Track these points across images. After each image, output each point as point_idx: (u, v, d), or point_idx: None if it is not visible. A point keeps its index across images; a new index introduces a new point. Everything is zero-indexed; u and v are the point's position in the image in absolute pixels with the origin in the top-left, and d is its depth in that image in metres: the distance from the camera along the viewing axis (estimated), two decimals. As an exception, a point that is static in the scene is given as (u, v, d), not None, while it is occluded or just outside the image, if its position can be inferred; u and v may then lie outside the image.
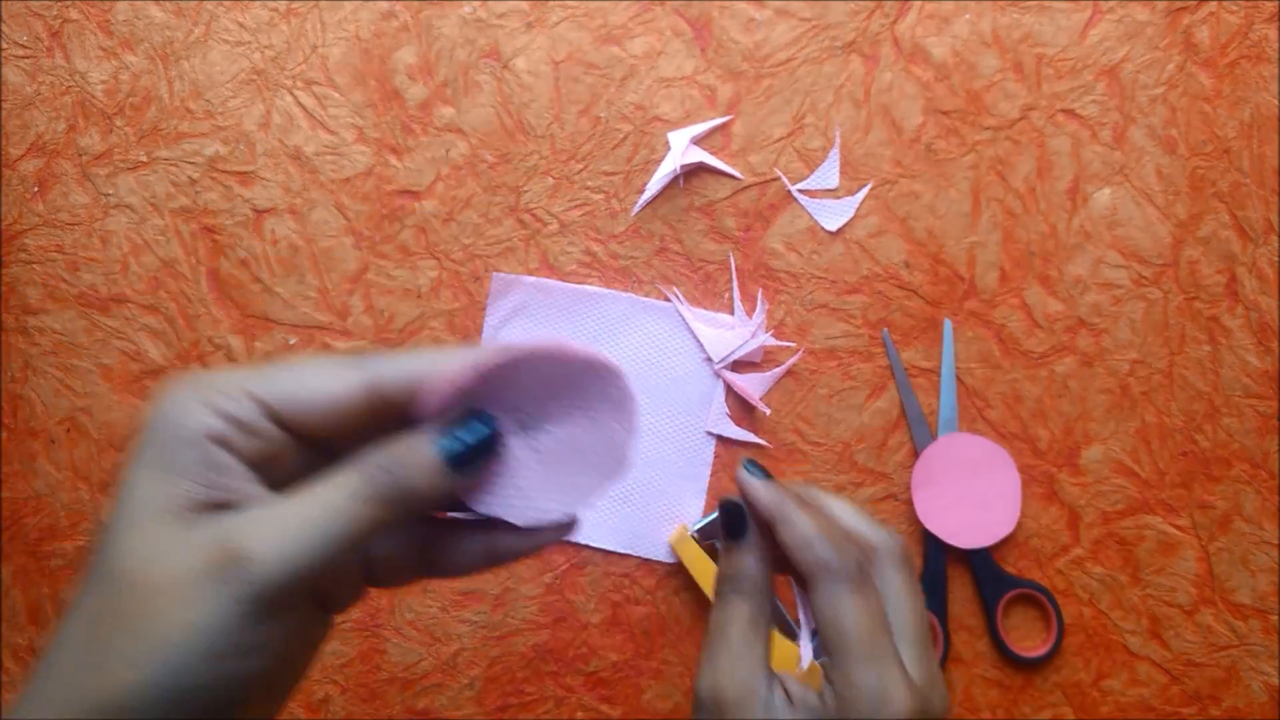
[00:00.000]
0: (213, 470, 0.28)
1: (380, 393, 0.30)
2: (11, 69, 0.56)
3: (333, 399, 0.30)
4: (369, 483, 0.29)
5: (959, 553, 0.54)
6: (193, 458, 0.28)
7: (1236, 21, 0.55)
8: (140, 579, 0.27)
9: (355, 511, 0.28)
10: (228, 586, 0.27)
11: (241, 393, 0.29)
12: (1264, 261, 0.55)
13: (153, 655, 0.27)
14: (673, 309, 0.56)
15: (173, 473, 0.28)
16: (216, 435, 0.28)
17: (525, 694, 0.55)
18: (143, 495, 0.28)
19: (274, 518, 0.28)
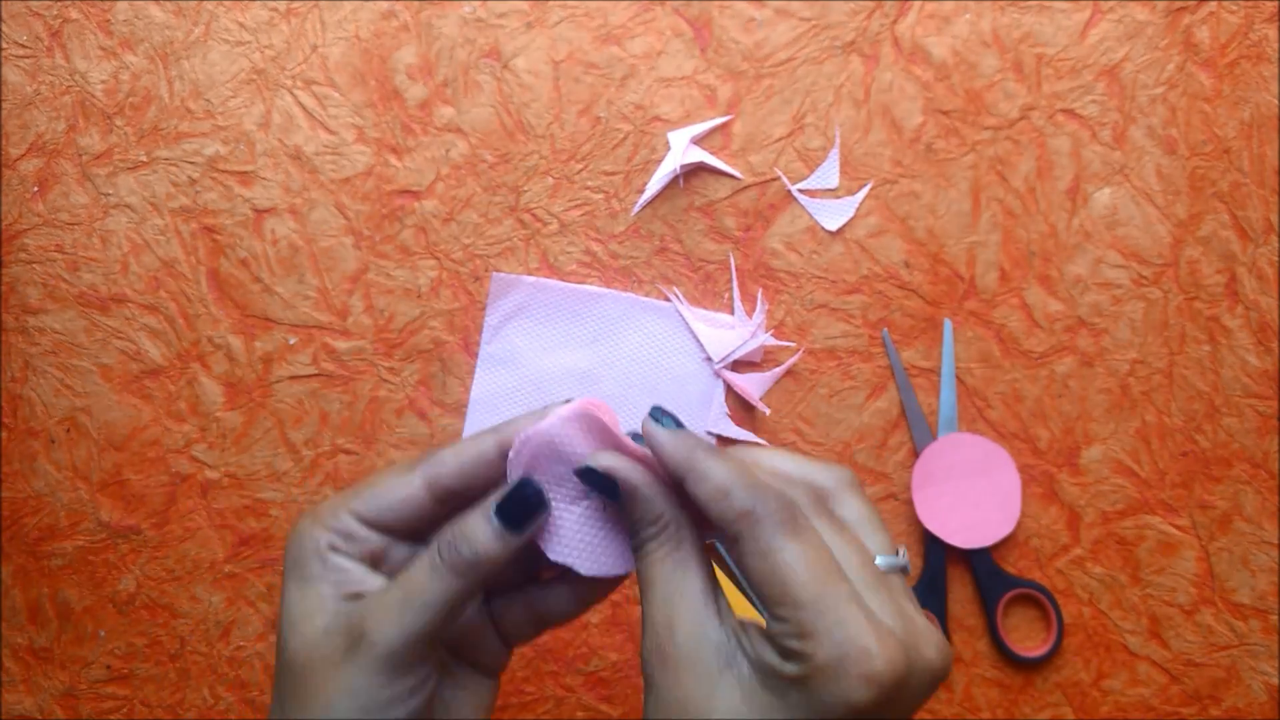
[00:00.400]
0: (337, 573, 0.36)
1: (440, 486, 0.37)
2: (11, 69, 0.56)
3: (403, 501, 0.37)
4: (442, 557, 0.35)
5: (959, 553, 0.54)
6: (321, 568, 0.36)
7: (1236, 21, 0.55)
8: (304, 665, 0.35)
9: (436, 583, 0.35)
10: (358, 659, 0.34)
11: (343, 511, 0.36)
12: (1264, 261, 0.55)
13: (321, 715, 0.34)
14: (673, 309, 0.56)
15: (310, 583, 0.36)
16: (333, 546, 0.36)
17: (525, 694, 0.55)
18: (295, 605, 0.36)
19: (383, 600, 0.35)
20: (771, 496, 0.32)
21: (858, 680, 0.30)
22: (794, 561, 0.31)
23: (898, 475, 0.55)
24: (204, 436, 0.56)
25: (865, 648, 0.30)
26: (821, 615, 0.30)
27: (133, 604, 0.56)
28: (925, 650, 0.32)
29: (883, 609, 0.32)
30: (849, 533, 0.34)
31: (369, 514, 0.36)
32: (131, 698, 0.56)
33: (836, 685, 0.30)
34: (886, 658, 0.30)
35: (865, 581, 0.32)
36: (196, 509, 0.56)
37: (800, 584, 0.31)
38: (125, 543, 0.56)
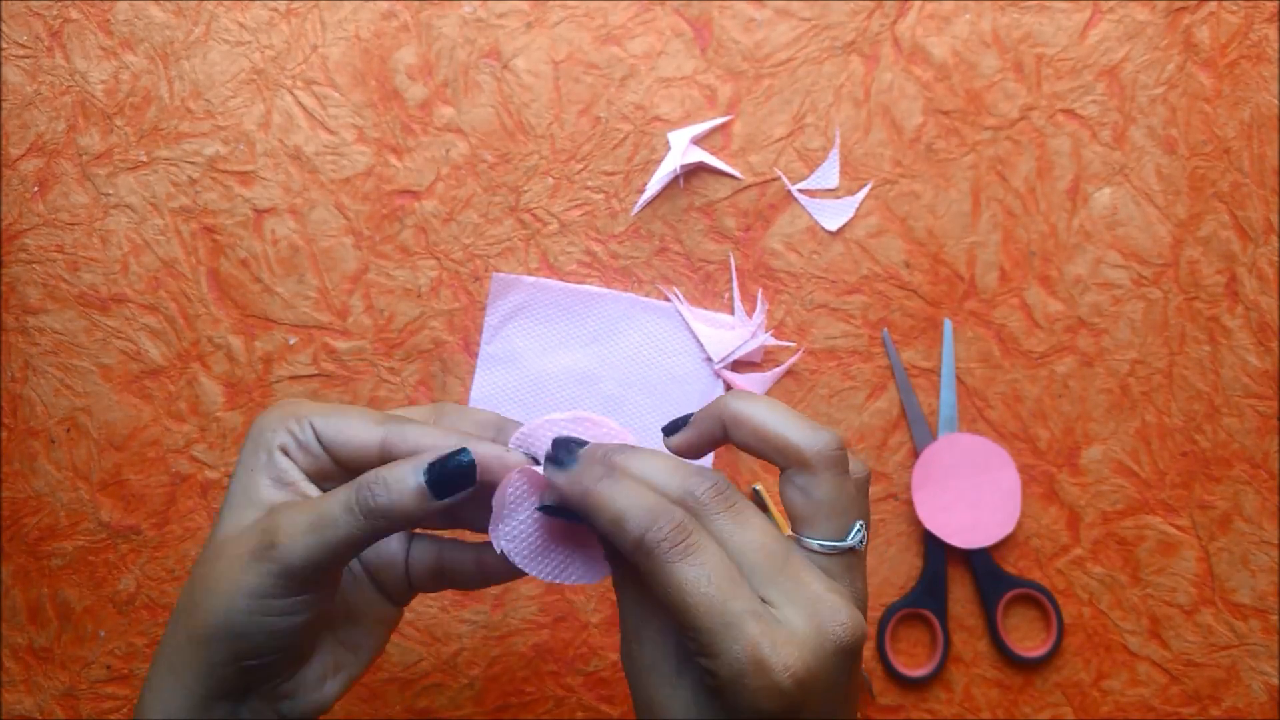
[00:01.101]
0: (279, 471, 0.38)
1: (389, 448, 0.38)
2: (11, 69, 0.56)
3: (358, 442, 0.38)
4: (357, 498, 0.36)
5: (959, 553, 0.54)
6: (268, 461, 0.37)
7: (1236, 21, 0.55)
8: (218, 549, 0.37)
9: (345, 520, 0.35)
10: (261, 563, 0.35)
11: (306, 420, 0.38)
12: (1264, 261, 0.55)
13: (219, 605, 0.36)
14: (673, 309, 0.56)
15: (256, 471, 0.37)
16: (283, 447, 0.38)
17: (525, 694, 0.55)
18: (237, 486, 0.38)
19: (297, 516, 0.36)
20: (662, 520, 0.33)
21: (759, 692, 0.31)
22: (686, 584, 0.32)
23: (898, 475, 0.55)
24: (204, 436, 0.56)
25: (760, 660, 0.31)
26: (715, 635, 0.32)
27: (133, 604, 0.56)
28: (828, 628, 0.32)
29: (786, 601, 0.33)
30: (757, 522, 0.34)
31: (326, 437, 0.38)
32: (131, 698, 0.56)
33: (742, 699, 0.32)
34: (783, 664, 0.31)
35: (765, 577, 0.33)
36: (196, 509, 0.56)
37: (693, 607, 0.32)
38: (125, 543, 0.56)
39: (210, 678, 0.36)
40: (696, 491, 0.34)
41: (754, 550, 0.33)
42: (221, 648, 0.36)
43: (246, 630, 0.36)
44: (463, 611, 0.55)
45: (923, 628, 0.55)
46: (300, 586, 0.36)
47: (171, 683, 0.37)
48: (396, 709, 0.55)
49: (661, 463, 0.35)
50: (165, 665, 0.37)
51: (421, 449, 0.37)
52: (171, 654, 0.37)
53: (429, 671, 0.55)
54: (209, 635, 0.36)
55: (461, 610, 0.55)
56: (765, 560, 0.33)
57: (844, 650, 0.33)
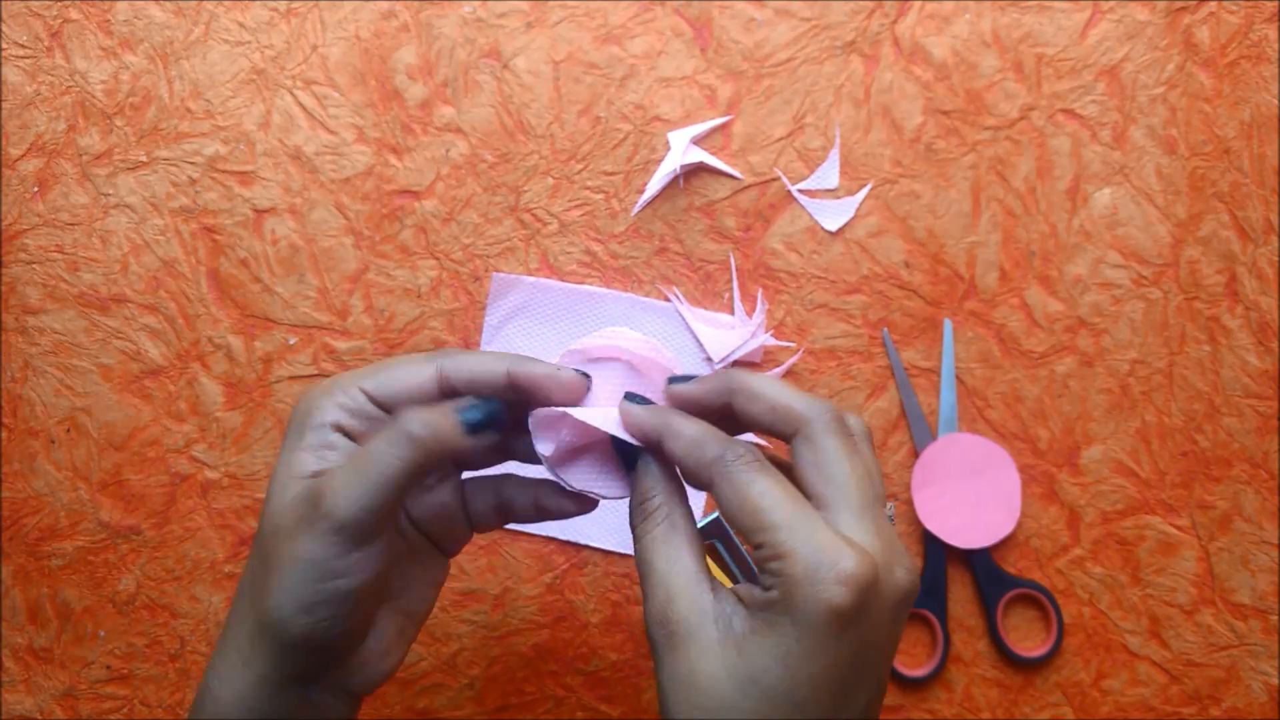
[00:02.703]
0: (327, 447, 0.38)
1: (447, 380, 0.39)
2: (11, 69, 0.56)
3: (414, 388, 0.38)
4: (403, 431, 0.36)
5: (959, 553, 0.54)
6: (316, 440, 0.38)
7: (1236, 21, 0.55)
8: (271, 531, 0.37)
9: (393, 454, 0.36)
10: (315, 526, 0.36)
11: (354, 386, 0.38)
12: (1264, 261, 0.55)
13: (280, 581, 0.36)
14: (673, 309, 0.56)
15: (301, 450, 0.37)
16: (335, 423, 0.38)
17: (525, 694, 0.55)
18: (283, 469, 0.38)
19: (341, 471, 0.36)
20: (737, 442, 0.35)
21: (833, 582, 0.32)
22: (766, 491, 0.34)
23: (898, 475, 0.55)
24: (204, 436, 0.56)
25: (836, 554, 0.32)
26: (794, 532, 0.33)
27: (133, 604, 0.56)
28: (896, 569, 0.34)
29: (864, 531, 0.34)
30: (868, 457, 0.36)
31: (378, 393, 0.38)
32: (131, 698, 0.56)
33: (814, 591, 0.32)
34: (858, 560, 0.32)
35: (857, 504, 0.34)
36: (196, 509, 0.56)
37: (771, 509, 0.33)
38: (125, 543, 0.56)
39: (282, 662, 0.37)
40: (823, 408, 0.36)
41: (855, 477, 0.35)
42: (290, 627, 0.36)
43: (312, 602, 0.36)
44: (463, 611, 0.55)
45: (923, 628, 0.55)
46: (356, 541, 0.36)
47: (242, 672, 0.37)
48: (396, 709, 0.55)
49: (784, 382, 0.37)
50: (234, 655, 0.37)
51: (478, 372, 0.38)
52: (240, 642, 0.37)
53: (429, 671, 0.55)
54: (277, 617, 0.36)
55: (461, 610, 0.55)
56: (860, 490, 0.35)
57: (904, 592, 0.34)
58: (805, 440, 0.36)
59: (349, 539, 0.36)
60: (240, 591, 0.38)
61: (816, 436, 0.35)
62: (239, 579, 0.39)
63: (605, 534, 0.55)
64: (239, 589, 0.38)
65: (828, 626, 0.32)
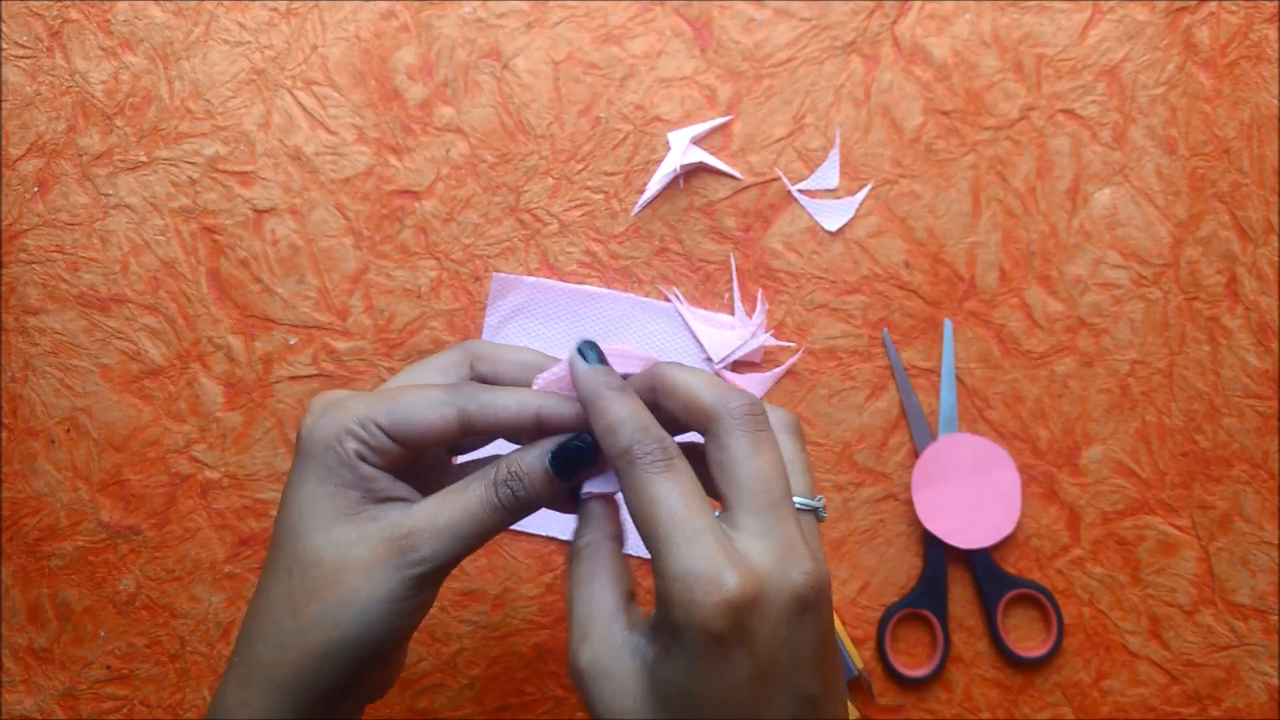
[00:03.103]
0: (365, 480, 0.37)
1: (469, 422, 0.38)
2: (11, 69, 0.56)
3: (435, 427, 0.37)
4: (499, 497, 0.37)
5: (959, 553, 0.54)
6: (349, 475, 0.37)
7: (1236, 21, 0.55)
8: (332, 565, 0.36)
9: (488, 515, 0.37)
10: (405, 570, 0.36)
11: (370, 421, 0.37)
12: (1264, 261, 0.55)
13: (352, 616, 0.36)
14: (673, 309, 0.56)
15: (338, 486, 0.37)
16: (359, 454, 0.37)
17: (525, 694, 0.55)
18: (319, 504, 0.37)
19: (436, 521, 0.37)
20: (651, 436, 0.34)
21: (706, 605, 0.31)
22: (659, 495, 0.33)
23: (898, 475, 0.55)
24: (204, 436, 0.56)
25: (709, 575, 0.31)
26: (674, 548, 0.32)
27: (133, 604, 0.56)
28: (790, 573, 0.33)
29: (760, 533, 0.33)
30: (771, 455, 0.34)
31: (396, 432, 0.37)
32: (131, 698, 0.56)
33: (688, 615, 0.32)
34: (731, 583, 0.31)
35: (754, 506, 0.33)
36: (196, 509, 0.56)
37: (658, 519, 0.33)
38: (125, 543, 0.56)
39: (327, 689, 0.37)
40: (730, 404, 0.35)
41: (755, 477, 0.34)
42: (349, 658, 0.37)
43: (380, 635, 0.37)
44: (463, 611, 0.55)
45: (923, 628, 0.55)
46: (435, 582, 0.37)
47: (277, 699, 0.37)
48: (396, 709, 0.55)
49: (703, 375, 0.36)
50: (270, 684, 0.37)
51: (503, 421, 0.38)
52: (278, 674, 0.37)
53: (429, 671, 0.55)
54: (337, 648, 0.36)
55: (461, 610, 0.55)
56: (763, 490, 0.34)
57: (798, 598, 0.32)
58: (712, 437, 0.35)
59: (431, 582, 0.37)
60: (270, 620, 0.37)
61: (722, 434, 0.34)
62: (257, 607, 0.38)
63: (605, 534, 0.55)
64: (265, 620, 0.38)
65: (710, 650, 0.32)
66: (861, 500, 0.55)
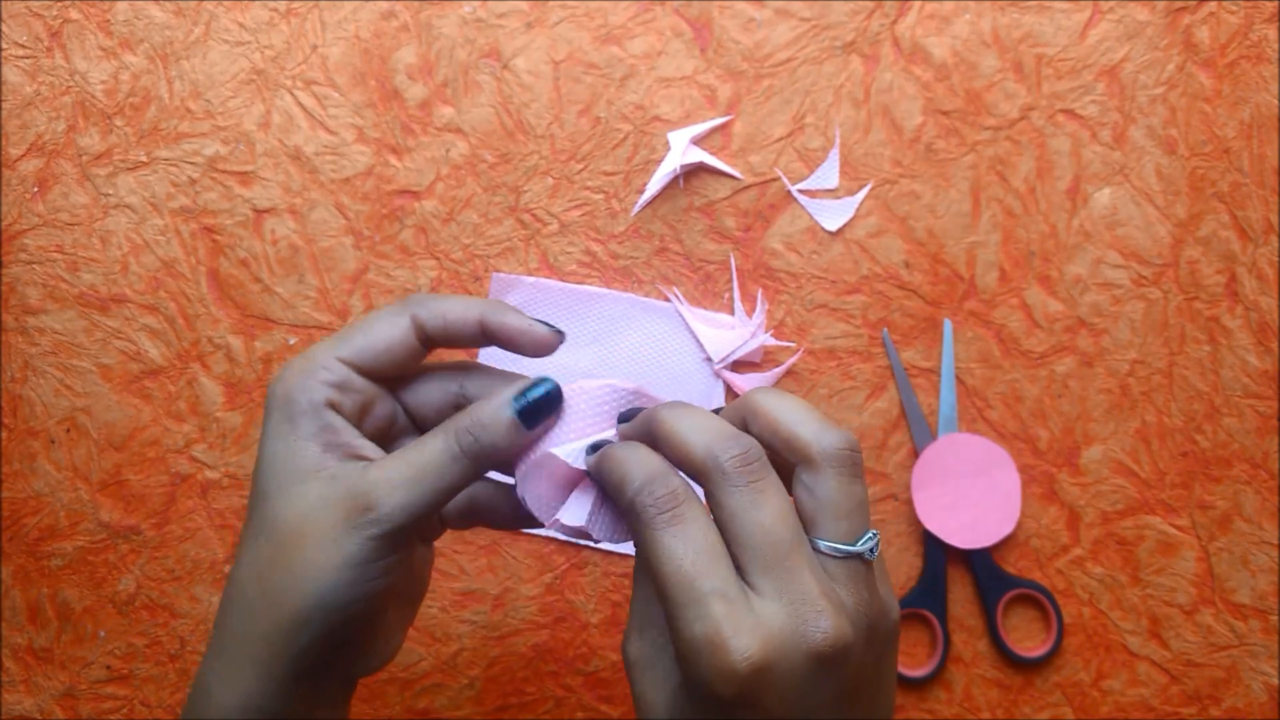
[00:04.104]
0: (328, 432, 0.36)
1: (423, 330, 0.37)
2: (11, 69, 0.56)
3: (395, 340, 0.37)
4: (459, 443, 0.36)
5: (959, 553, 0.54)
6: (314, 426, 0.36)
7: (1236, 21, 0.55)
8: (295, 530, 0.35)
9: (450, 468, 0.36)
10: (362, 530, 0.35)
11: (333, 360, 0.37)
12: (1264, 261, 0.55)
13: (313, 584, 0.35)
14: (673, 309, 0.56)
15: (301, 439, 0.36)
16: (328, 401, 0.36)
17: (525, 694, 0.55)
18: (282, 462, 0.36)
19: (391, 475, 0.36)
20: (656, 485, 0.33)
21: (714, 673, 0.30)
22: (664, 553, 0.32)
23: (898, 475, 0.55)
24: (204, 436, 0.56)
25: (718, 642, 0.30)
26: (681, 609, 0.31)
27: (133, 604, 0.56)
28: (807, 630, 0.31)
29: (773, 591, 0.32)
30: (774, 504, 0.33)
31: (361, 360, 0.37)
32: (131, 698, 0.56)
33: (697, 676, 0.31)
34: (741, 650, 0.30)
35: (762, 563, 0.32)
36: (196, 509, 0.56)
37: (666, 576, 0.32)
38: (125, 543, 0.56)
39: (299, 660, 0.36)
40: (721, 456, 0.33)
41: (759, 532, 0.32)
42: (316, 628, 0.35)
43: (345, 601, 0.35)
44: (463, 611, 0.55)
45: (923, 628, 0.55)
46: (400, 544, 0.36)
47: (250, 672, 0.36)
48: (396, 709, 0.55)
49: (698, 419, 0.34)
50: (238, 655, 0.36)
51: (451, 318, 0.37)
52: (246, 642, 0.36)
53: (429, 671, 0.55)
54: (304, 618, 0.35)
55: (461, 610, 0.55)
56: (767, 546, 0.32)
57: (818, 656, 0.31)
58: (711, 498, 0.33)
59: (394, 543, 0.36)
60: (241, 593, 0.37)
61: (716, 491, 0.33)
62: (232, 577, 0.37)
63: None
64: (237, 590, 0.37)
65: (721, 709, 0.31)
66: (861, 500, 0.55)
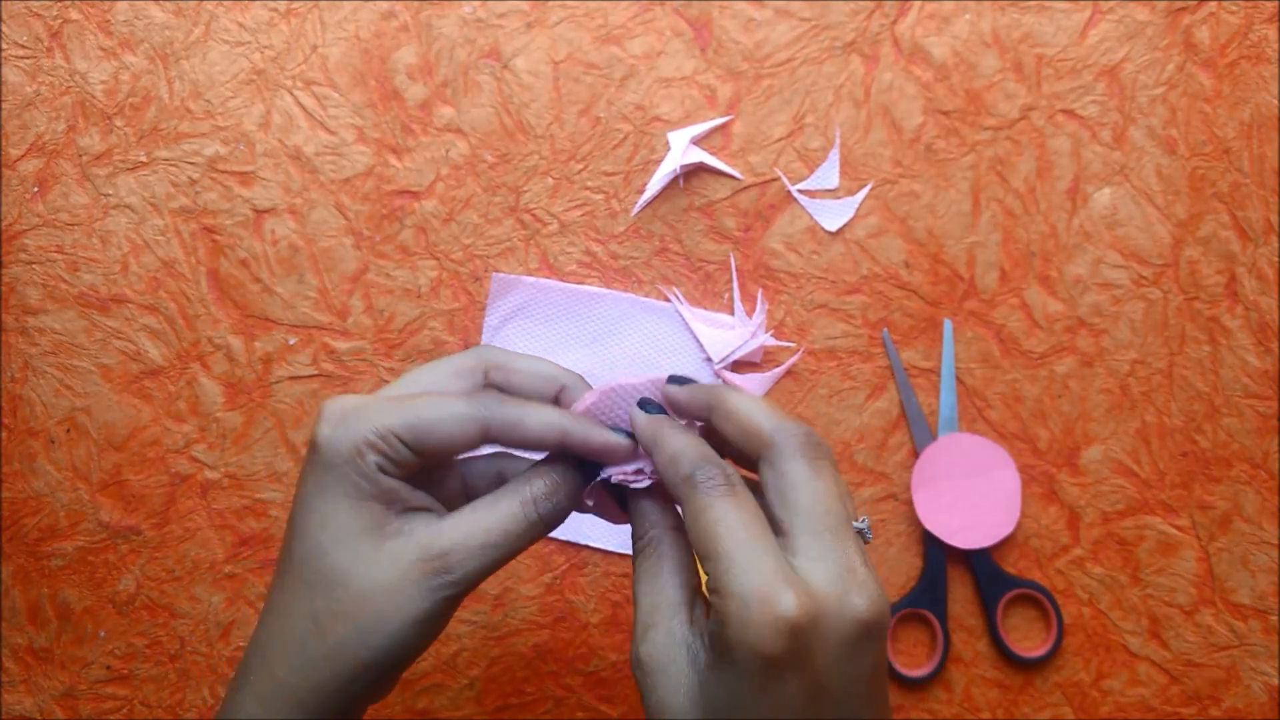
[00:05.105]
0: (388, 493, 0.36)
1: (491, 437, 0.37)
2: (11, 69, 0.56)
3: (457, 440, 0.37)
4: (538, 511, 0.37)
5: (959, 553, 0.54)
6: (371, 488, 0.36)
7: (1236, 21, 0.55)
8: (360, 586, 0.36)
9: (523, 529, 0.37)
10: (439, 591, 0.36)
11: (389, 433, 0.36)
12: (1264, 261, 0.55)
13: (386, 640, 0.36)
14: (673, 309, 0.56)
15: (360, 499, 0.36)
16: (380, 467, 0.36)
17: (525, 694, 0.55)
18: (341, 520, 0.36)
19: (469, 540, 0.36)
20: (713, 465, 0.35)
21: (763, 625, 0.31)
22: (719, 519, 0.33)
23: (898, 475, 0.55)
24: (204, 436, 0.56)
25: (770, 593, 0.31)
26: (733, 565, 0.32)
27: (133, 604, 0.56)
28: (852, 599, 0.32)
29: (820, 558, 0.33)
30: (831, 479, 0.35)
31: (415, 442, 0.37)
32: (131, 698, 0.56)
33: (744, 634, 0.31)
34: (793, 602, 0.31)
35: (814, 530, 0.33)
36: (196, 509, 0.56)
37: (719, 538, 0.33)
38: (125, 543, 0.56)
39: (343, 707, 0.37)
40: (788, 430, 0.35)
41: (816, 501, 0.34)
42: (378, 677, 0.37)
43: (409, 654, 0.37)
44: (463, 612, 0.55)
45: (923, 628, 0.55)
46: (462, 599, 0.37)
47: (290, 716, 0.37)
48: (396, 709, 0.55)
49: (762, 403, 0.36)
50: (287, 704, 0.36)
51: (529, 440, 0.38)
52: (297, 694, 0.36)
53: (429, 671, 0.55)
54: (371, 672, 0.36)
55: (461, 610, 0.55)
56: (821, 514, 0.34)
57: (861, 624, 0.32)
58: (768, 464, 0.35)
59: (461, 598, 0.37)
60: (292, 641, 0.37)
61: (779, 460, 0.35)
62: (276, 625, 0.37)
63: (605, 534, 0.55)
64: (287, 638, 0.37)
65: (762, 671, 0.31)
66: (861, 500, 0.55)
